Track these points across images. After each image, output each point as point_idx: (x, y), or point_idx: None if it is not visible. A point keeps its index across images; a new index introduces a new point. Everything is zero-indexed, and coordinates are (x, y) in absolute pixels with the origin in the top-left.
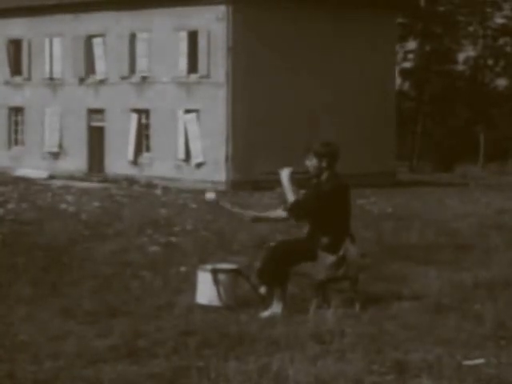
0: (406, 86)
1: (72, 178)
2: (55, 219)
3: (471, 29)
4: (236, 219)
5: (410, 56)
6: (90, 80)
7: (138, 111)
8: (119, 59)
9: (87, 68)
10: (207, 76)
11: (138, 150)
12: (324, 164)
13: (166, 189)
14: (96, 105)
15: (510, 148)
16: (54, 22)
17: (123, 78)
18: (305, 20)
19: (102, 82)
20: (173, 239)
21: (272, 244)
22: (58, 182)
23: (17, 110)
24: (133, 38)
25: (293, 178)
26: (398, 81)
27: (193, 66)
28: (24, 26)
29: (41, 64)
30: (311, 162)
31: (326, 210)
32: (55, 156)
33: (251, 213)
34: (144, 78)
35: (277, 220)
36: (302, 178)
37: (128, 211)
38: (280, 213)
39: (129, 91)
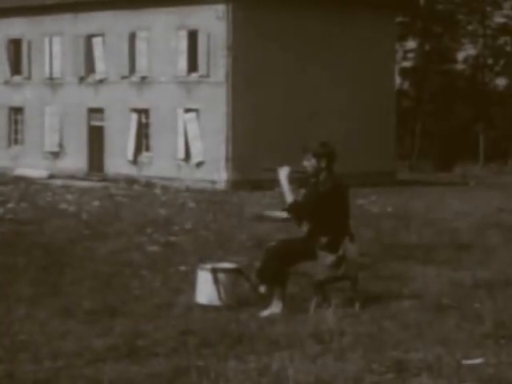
0: (406, 85)
1: (72, 177)
2: (55, 219)
3: (471, 28)
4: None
5: (410, 55)
6: (90, 79)
7: (138, 111)
8: (119, 58)
9: (87, 67)
10: (207, 75)
11: (138, 150)
12: (323, 164)
13: (165, 188)
14: (96, 104)
15: (509, 147)
16: (53, 22)
17: (123, 77)
18: (305, 19)
19: (101, 81)
20: (172, 239)
21: (272, 243)
22: (57, 182)
23: (17, 110)
24: (132, 37)
25: (291, 178)
26: (398, 80)
27: (193, 66)
28: (24, 26)
29: (40, 63)
30: (309, 162)
31: (324, 209)
32: (55, 155)
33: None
34: (144, 78)
35: (277, 220)
36: (300, 177)
37: (128, 211)
38: (284, 213)
39: (129, 90)
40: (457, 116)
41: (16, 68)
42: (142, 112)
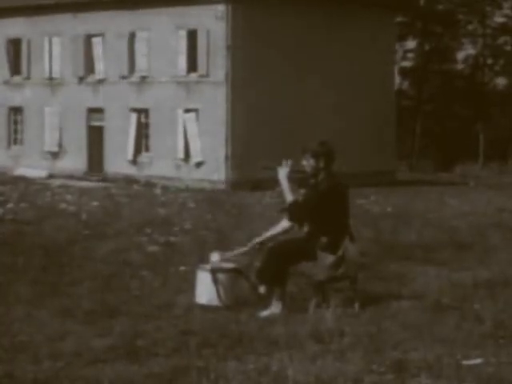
0: (406, 84)
1: (71, 177)
2: (55, 219)
3: (471, 27)
4: (236, 218)
5: (410, 55)
6: (90, 79)
7: (138, 110)
8: (118, 58)
9: (86, 67)
10: (207, 75)
11: (138, 150)
12: (321, 164)
13: (165, 188)
14: (95, 104)
15: (509, 147)
16: (53, 22)
17: (123, 77)
18: (304, 19)
19: (101, 81)
20: (172, 239)
21: (272, 244)
22: (57, 182)
23: (16, 110)
24: (132, 37)
25: (291, 177)
26: (398, 80)
27: (192, 65)
28: (23, 26)
29: (40, 63)
30: (308, 162)
31: (324, 209)
32: (55, 155)
33: (254, 241)
34: (143, 78)
35: (283, 233)
36: (299, 177)
37: (127, 210)
38: (283, 224)
39: (128, 90)
40: (456, 116)
41: (15, 68)
42: (142, 112)
